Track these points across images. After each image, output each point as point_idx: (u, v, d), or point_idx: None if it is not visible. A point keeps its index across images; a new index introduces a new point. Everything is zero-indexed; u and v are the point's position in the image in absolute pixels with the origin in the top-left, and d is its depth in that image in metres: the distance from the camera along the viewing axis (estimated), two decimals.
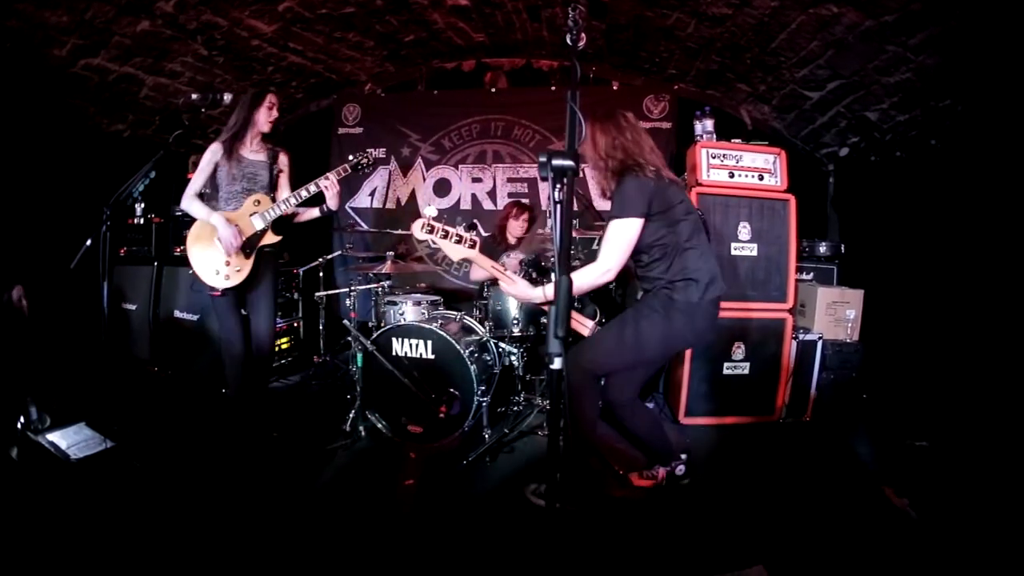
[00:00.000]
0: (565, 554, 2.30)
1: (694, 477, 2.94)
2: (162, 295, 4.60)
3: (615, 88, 5.32)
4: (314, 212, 3.41)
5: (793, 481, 3.07)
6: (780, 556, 2.29)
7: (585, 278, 2.39)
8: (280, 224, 3.29)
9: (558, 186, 1.59)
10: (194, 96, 3.00)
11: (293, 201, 3.20)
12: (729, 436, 3.73)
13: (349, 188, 5.83)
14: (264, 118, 3.22)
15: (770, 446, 3.60)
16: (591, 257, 2.89)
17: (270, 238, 3.25)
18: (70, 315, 4.02)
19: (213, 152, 3.16)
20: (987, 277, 3.47)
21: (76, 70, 3.98)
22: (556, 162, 1.55)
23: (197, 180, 3.16)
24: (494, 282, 3.77)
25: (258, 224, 3.17)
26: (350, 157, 3.42)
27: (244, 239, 3.13)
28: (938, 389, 3.68)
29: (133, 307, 4.65)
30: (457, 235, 2.41)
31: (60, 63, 3.86)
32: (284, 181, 3.38)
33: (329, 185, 3.24)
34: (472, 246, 2.44)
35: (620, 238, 2.37)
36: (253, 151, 3.24)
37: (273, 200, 3.24)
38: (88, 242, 2.61)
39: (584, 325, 2.73)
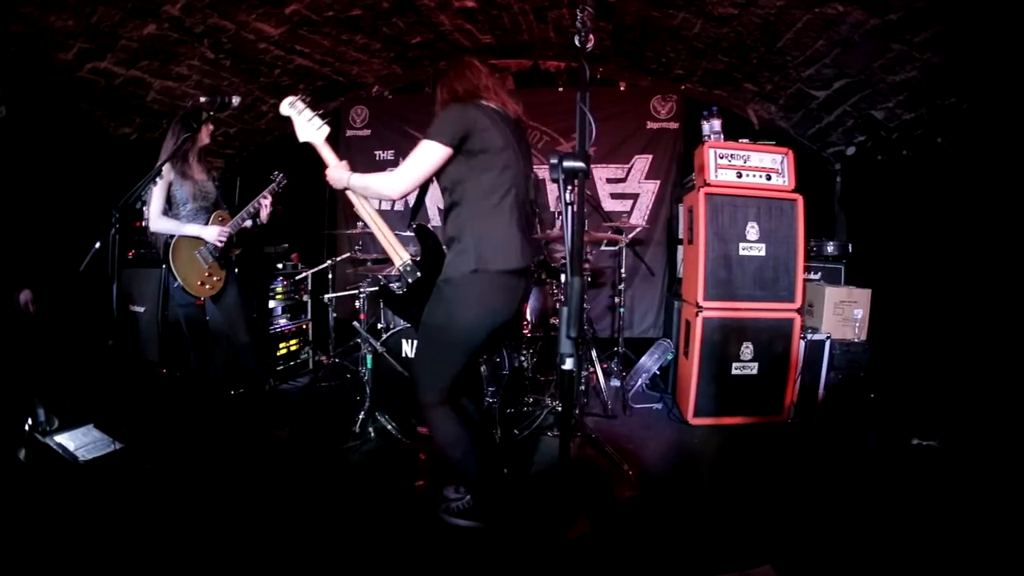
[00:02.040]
0: (575, 553, 2.32)
1: (702, 478, 2.95)
2: (170, 298, 4.61)
3: (622, 88, 5.32)
4: (247, 223, 3.48)
5: (801, 481, 3.08)
6: (788, 556, 2.30)
7: (371, 181, 2.38)
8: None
9: (569, 188, 1.59)
10: (202, 99, 3.02)
11: (246, 215, 3.36)
12: (737, 436, 3.73)
13: None
14: (206, 133, 3.38)
15: (778, 446, 3.60)
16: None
17: (234, 249, 3.46)
18: (79, 317, 4.02)
19: (165, 172, 3.20)
20: (995, 275, 3.46)
21: (83, 74, 3.98)
22: (567, 164, 1.56)
23: (158, 202, 3.22)
24: None
25: (225, 234, 3.34)
26: (273, 175, 3.55)
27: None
28: (947, 388, 3.68)
29: (141, 309, 4.65)
30: (312, 118, 2.52)
31: (66, 67, 3.86)
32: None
33: (267, 204, 3.42)
34: (320, 131, 2.52)
35: (418, 160, 2.21)
36: (200, 170, 3.37)
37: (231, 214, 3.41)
38: (97, 244, 2.61)
39: (398, 254, 2.53)
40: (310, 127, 2.51)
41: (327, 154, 2.52)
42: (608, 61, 5.16)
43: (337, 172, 2.48)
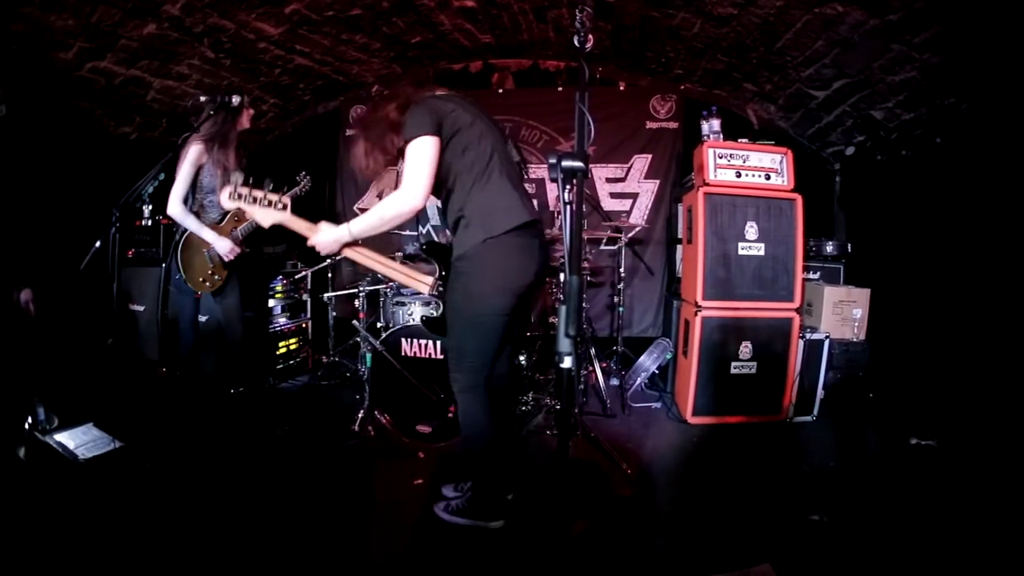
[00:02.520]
0: (573, 552, 2.32)
1: (701, 476, 2.95)
2: (171, 287, 4.62)
3: (622, 88, 5.34)
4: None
5: (799, 480, 3.08)
6: (787, 554, 2.30)
7: (383, 210, 2.23)
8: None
9: (568, 187, 1.60)
10: (202, 98, 3.04)
11: (254, 223, 3.30)
12: (736, 435, 3.73)
13: (357, 189, 5.87)
14: (247, 117, 3.38)
15: (777, 445, 3.60)
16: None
17: (243, 248, 3.44)
18: (79, 316, 4.03)
19: (197, 152, 3.20)
20: (993, 275, 3.47)
21: (83, 73, 3.99)
22: (566, 163, 1.56)
23: (181, 185, 3.21)
24: None
25: (236, 251, 3.35)
26: (299, 176, 3.59)
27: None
28: (945, 388, 3.69)
29: (141, 308, 4.66)
30: (267, 199, 2.33)
31: (67, 66, 3.86)
32: None
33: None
34: (284, 208, 2.35)
35: (419, 160, 2.17)
36: (235, 158, 3.34)
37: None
38: (97, 243, 2.62)
39: (422, 282, 2.54)
40: (268, 212, 2.36)
41: (301, 226, 2.40)
42: (607, 61, 5.17)
43: (330, 235, 2.37)
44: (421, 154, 2.17)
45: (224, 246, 3.26)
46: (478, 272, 2.24)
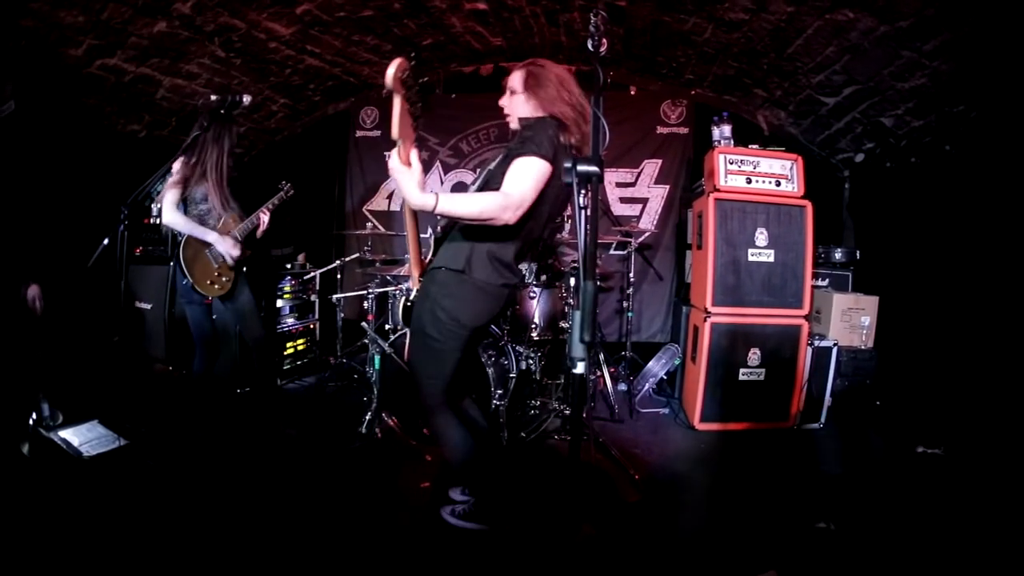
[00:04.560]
0: (579, 557, 2.31)
1: (708, 483, 2.94)
2: (177, 295, 4.61)
3: (632, 93, 5.34)
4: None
5: (806, 487, 3.08)
6: (793, 562, 2.31)
7: (484, 208, 1.98)
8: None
9: (583, 192, 1.58)
10: (213, 98, 3.02)
11: (249, 225, 3.35)
12: (743, 442, 3.73)
13: (366, 190, 5.87)
14: (235, 133, 3.36)
15: (784, 452, 3.60)
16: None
17: (246, 251, 3.43)
18: (85, 313, 4.03)
19: (179, 165, 3.19)
20: (1002, 284, 3.46)
21: (92, 70, 3.98)
22: (581, 168, 1.53)
23: (171, 194, 3.18)
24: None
25: (238, 249, 3.35)
26: (281, 184, 3.53)
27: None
28: (952, 397, 3.68)
29: (148, 306, 4.65)
30: (415, 113, 1.99)
31: (76, 63, 3.86)
32: None
33: (265, 220, 3.39)
34: (416, 128, 2.04)
35: (529, 179, 2.01)
36: (223, 171, 3.31)
37: (240, 218, 3.39)
38: (106, 241, 2.61)
39: (418, 268, 2.42)
40: (407, 126, 1.97)
41: (400, 121, 1.94)
42: (618, 65, 5.17)
43: (414, 188, 2.00)
44: (535, 177, 2.02)
45: (227, 244, 3.25)
46: (444, 300, 2.17)
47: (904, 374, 4.08)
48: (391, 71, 1.79)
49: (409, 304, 2.54)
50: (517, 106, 2.25)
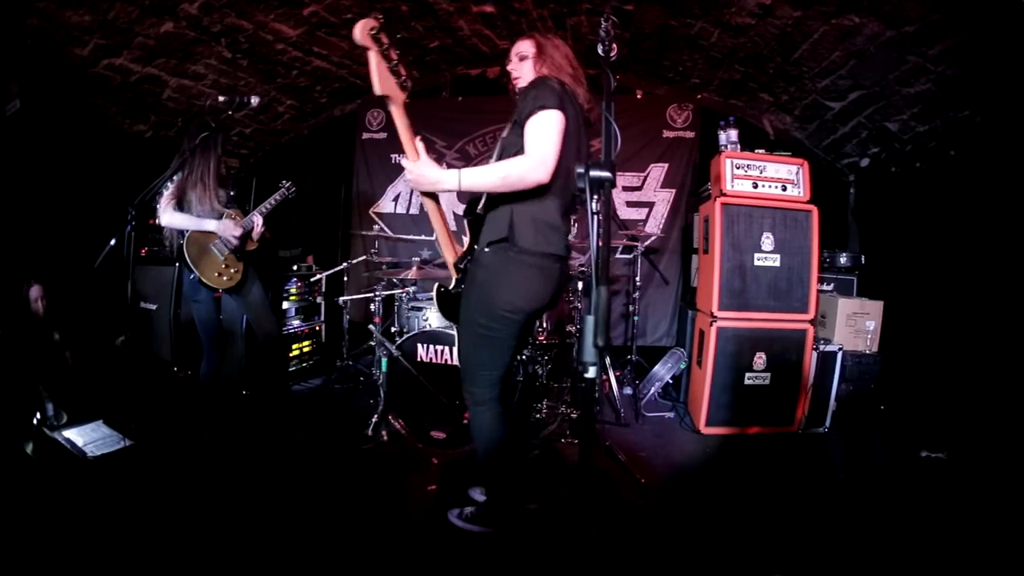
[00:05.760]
0: (587, 560, 2.31)
1: (714, 487, 2.94)
2: (184, 295, 4.61)
3: (639, 97, 5.35)
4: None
5: (811, 492, 3.09)
6: (798, 566, 2.32)
7: (513, 170, 2.03)
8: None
9: (595, 197, 1.57)
10: (220, 99, 3.02)
11: (249, 225, 3.32)
12: (749, 446, 3.74)
13: (373, 192, 5.87)
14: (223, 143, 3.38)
15: (789, 457, 3.61)
16: None
17: (251, 244, 3.41)
18: (90, 313, 4.02)
19: (178, 177, 3.23)
20: (1006, 289, 3.47)
21: (98, 70, 3.98)
22: (593, 173, 1.53)
23: (170, 199, 3.21)
24: None
25: (240, 229, 3.33)
26: (281, 183, 3.47)
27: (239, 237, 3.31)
28: (956, 402, 3.68)
29: (154, 307, 4.65)
30: (396, 68, 1.94)
31: (82, 62, 3.86)
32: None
33: (259, 223, 3.36)
34: (404, 90, 1.99)
35: (550, 131, 2.02)
36: (216, 180, 3.33)
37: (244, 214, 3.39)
38: (112, 241, 2.61)
39: (455, 254, 2.42)
40: (391, 77, 1.95)
41: (404, 129, 2.05)
42: (625, 69, 5.17)
43: (434, 173, 2.10)
44: (554, 127, 2.04)
45: (227, 226, 3.23)
46: (495, 285, 2.17)
47: (908, 379, 4.08)
48: (357, 29, 1.80)
49: (444, 291, 2.51)
50: (526, 71, 2.30)
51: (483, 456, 2.40)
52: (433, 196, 2.25)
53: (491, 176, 2.06)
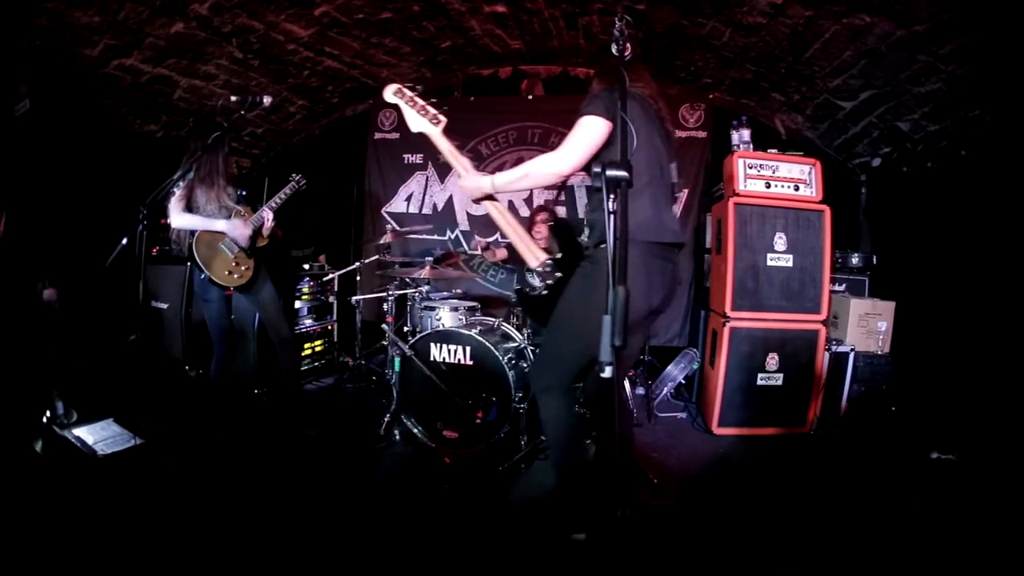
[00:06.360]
0: (598, 563, 2.31)
1: (726, 487, 2.93)
2: (194, 295, 4.62)
3: None
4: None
5: (823, 493, 3.08)
6: (809, 567, 2.32)
7: (531, 168, 2.19)
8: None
9: (611, 196, 1.57)
10: (232, 98, 3.02)
11: (274, 205, 3.32)
12: (761, 447, 3.74)
13: (385, 192, 5.88)
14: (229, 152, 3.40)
15: (801, 457, 3.61)
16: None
17: (261, 240, 3.41)
18: (102, 312, 4.04)
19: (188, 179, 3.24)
20: (1018, 290, 3.46)
21: (108, 70, 3.99)
22: (610, 172, 1.53)
23: (180, 201, 3.20)
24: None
25: (250, 228, 3.33)
26: (292, 176, 3.46)
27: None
28: (966, 403, 3.68)
29: (165, 306, 4.66)
30: (423, 107, 2.35)
31: (92, 63, 3.86)
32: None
33: (270, 218, 3.35)
34: (436, 123, 2.34)
35: (584, 135, 2.11)
36: (225, 180, 3.34)
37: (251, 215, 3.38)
38: (124, 241, 2.62)
39: (534, 255, 2.43)
40: (420, 120, 2.36)
41: (447, 148, 2.37)
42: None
43: (474, 181, 2.36)
44: (590, 131, 2.10)
45: (237, 225, 3.23)
46: (603, 282, 2.17)
47: (919, 380, 4.07)
48: (385, 92, 2.37)
49: (533, 292, 2.49)
50: (594, 85, 2.37)
51: (551, 446, 2.43)
52: (491, 198, 2.41)
53: (517, 173, 2.24)
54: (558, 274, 2.39)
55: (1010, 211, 3.52)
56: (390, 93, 2.37)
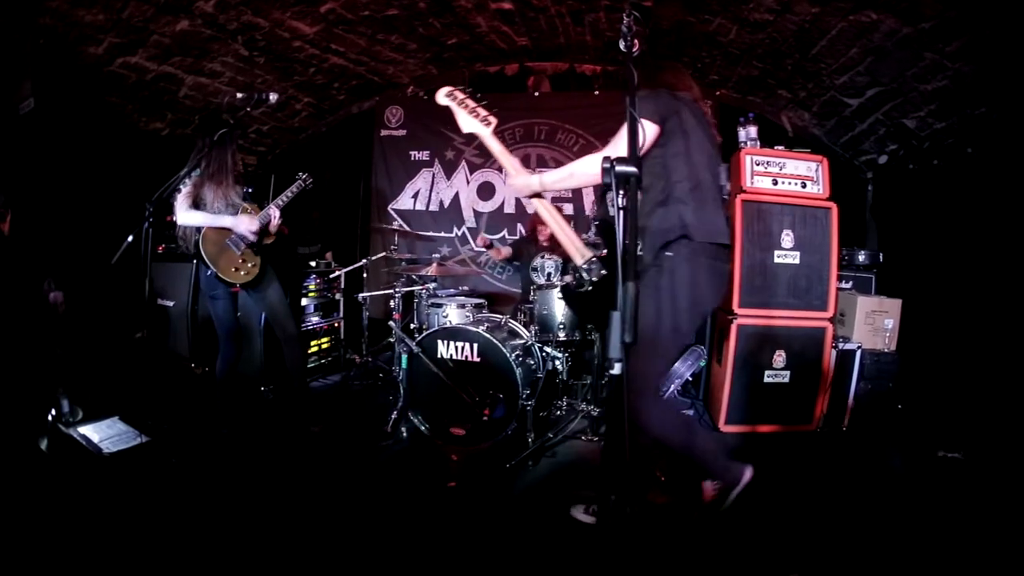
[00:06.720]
0: (603, 561, 2.31)
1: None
2: (201, 292, 4.62)
3: None
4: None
5: (830, 491, 3.07)
6: (815, 566, 2.31)
7: (576, 168, 2.25)
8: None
9: (621, 192, 1.57)
10: (239, 96, 3.02)
11: (280, 203, 3.33)
12: (768, 444, 3.72)
13: (391, 189, 5.87)
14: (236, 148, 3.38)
15: (808, 455, 3.59)
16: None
17: (268, 238, 3.41)
18: (107, 310, 4.04)
19: (195, 176, 3.23)
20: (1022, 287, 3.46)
21: (113, 68, 4.00)
22: (619, 168, 1.53)
23: (186, 198, 3.19)
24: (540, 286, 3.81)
25: (257, 225, 3.32)
26: (299, 174, 3.47)
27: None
28: (973, 401, 3.67)
29: (171, 303, 4.67)
30: (474, 109, 2.40)
31: (97, 61, 3.87)
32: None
33: (276, 215, 3.35)
34: (487, 124, 2.38)
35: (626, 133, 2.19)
36: (232, 179, 3.32)
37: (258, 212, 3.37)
38: (130, 238, 2.62)
39: (580, 252, 2.44)
40: (471, 120, 2.40)
41: (498, 149, 2.39)
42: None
43: (522, 180, 2.38)
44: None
45: (244, 221, 3.22)
46: (679, 285, 2.16)
47: (926, 378, 4.07)
48: (438, 96, 2.46)
49: (580, 288, 2.61)
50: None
51: (676, 448, 2.48)
52: (539, 196, 2.43)
53: (563, 172, 2.32)
54: (603, 272, 2.44)
55: (1016, 208, 3.51)
56: (442, 95, 2.43)
